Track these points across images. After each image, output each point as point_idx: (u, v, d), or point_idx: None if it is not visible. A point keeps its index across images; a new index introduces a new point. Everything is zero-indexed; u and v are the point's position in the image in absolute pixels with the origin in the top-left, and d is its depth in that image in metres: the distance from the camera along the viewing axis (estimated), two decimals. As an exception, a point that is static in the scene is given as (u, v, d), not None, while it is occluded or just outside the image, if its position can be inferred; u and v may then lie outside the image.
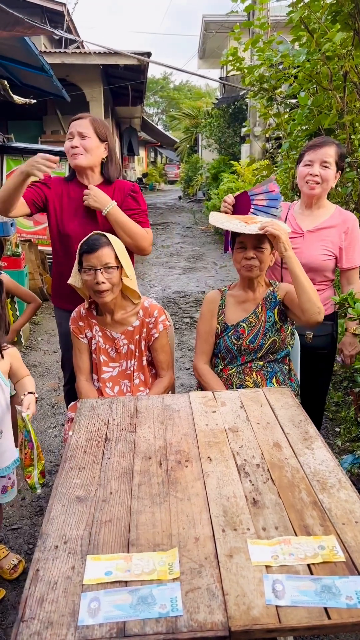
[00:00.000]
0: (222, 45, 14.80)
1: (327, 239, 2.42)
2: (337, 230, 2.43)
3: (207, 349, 2.32)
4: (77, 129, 2.32)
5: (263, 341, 2.19)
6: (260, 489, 1.42)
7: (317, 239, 2.42)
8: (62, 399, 3.90)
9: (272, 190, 2.22)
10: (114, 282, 2.13)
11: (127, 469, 1.55)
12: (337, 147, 2.37)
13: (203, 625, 1.02)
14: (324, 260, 2.42)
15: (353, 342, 2.47)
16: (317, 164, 2.35)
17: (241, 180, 9.81)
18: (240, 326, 2.22)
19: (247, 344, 2.19)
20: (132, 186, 2.50)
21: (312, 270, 2.42)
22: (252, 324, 2.21)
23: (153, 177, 28.91)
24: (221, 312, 2.29)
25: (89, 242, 2.12)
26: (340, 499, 1.38)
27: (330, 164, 2.34)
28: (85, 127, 2.32)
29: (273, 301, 2.22)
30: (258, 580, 1.11)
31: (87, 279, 2.12)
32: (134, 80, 11.48)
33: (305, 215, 2.48)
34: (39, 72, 6.22)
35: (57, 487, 1.47)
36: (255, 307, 2.23)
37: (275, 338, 2.20)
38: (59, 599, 1.09)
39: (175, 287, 7.29)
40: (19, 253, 5.17)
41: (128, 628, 1.02)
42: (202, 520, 1.31)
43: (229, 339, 2.22)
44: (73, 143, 2.32)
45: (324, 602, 1.06)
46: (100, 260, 2.09)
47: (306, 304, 2.07)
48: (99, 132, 2.34)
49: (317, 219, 2.45)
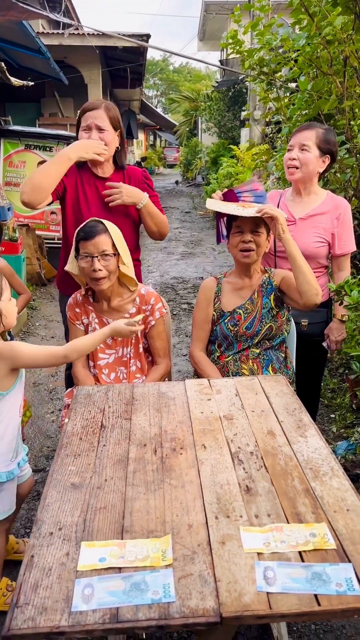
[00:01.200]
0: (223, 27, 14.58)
1: (320, 226, 2.41)
2: (329, 217, 2.42)
3: (203, 337, 2.33)
4: (94, 122, 2.29)
5: (259, 327, 2.19)
6: (254, 477, 1.44)
7: (309, 225, 2.42)
8: (59, 384, 3.92)
9: (256, 189, 2.24)
10: (110, 269, 2.12)
11: (122, 456, 1.56)
12: (321, 131, 2.35)
13: (195, 612, 1.04)
14: (317, 247, 2.41)
15: (340, 327, 2.48)
16: (296, 148, 2.36)
17: (240, 164, 9.74)
18: (237, 313, 2.22)
19: (243, 331, 2.20)
20: (143, 172, 2.52)
21: (306, 258, 2.42)
22: (249, 311, 2.21)
23: (152, 160, 28.65)
24: (217, 299, 2.29)
25: (85, 229, 2.11)
26: (332, 487, 1.39)
27: (309, 147, 2.33)
28: (102, 119, 2.29)
29: (269, 287, 2.23)
30: (250, 567, 1.13)
31: (84, 266, 2.12)
32: (133, 62, 11.33)
33: (296, 202, 2.47)
34: (37, 55, 6.14)
35: (53, 474, 1.48)
36: (251, 294, 2.23)
37: (271, 324, 2.21)
38: (53, 585, 1.11)
39: (173, 273, 7.28)
40: (16, 238, 5.15)
41: (121, 614, 1.03)
42: (196, 507, 1.32)
43: (225, 326, 2.23)
44: (93, 137, 2.30)
45: (314, 589, 1.07)
46: (97, 248, 2.09)
47: (304, 286, 2.08)
48: (113, 121, 2.33)
49: (308, 206, 2.44)
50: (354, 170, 3.44)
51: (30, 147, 6.44)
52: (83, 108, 2.36)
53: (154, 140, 38.37)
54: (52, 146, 6.40)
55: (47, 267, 6.51)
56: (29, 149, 6.45)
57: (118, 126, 2.37)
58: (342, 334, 2.51)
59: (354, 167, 3.43)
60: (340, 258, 2.49)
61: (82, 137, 2.33)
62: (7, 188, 6.39)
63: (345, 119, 3.39)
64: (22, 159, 6.45)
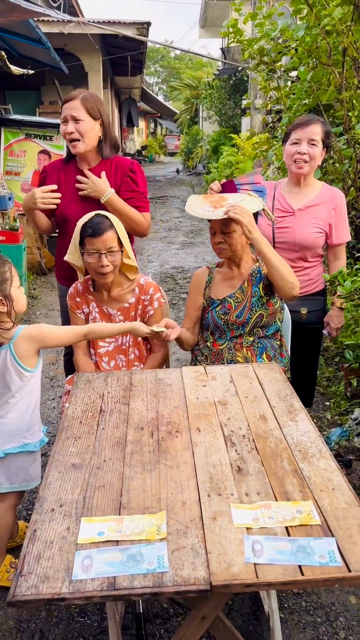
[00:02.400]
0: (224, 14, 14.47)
1: (318, 216, 2.47)
2: (326, 207, 2.47)
3: (189, 322, 2.40)
4: (69, 113, 2.30)
5: (249, 315, 2.25)
6: (245, 458, 1.51)
7: (308, 216, 2.47)
8: (60, 372, 3.99)
9: (258, 182, 2.27)
10: (116, 264, 2.19)
11: (120, 438, 1.63)
12: (323, 125, 2.40)
13: (187, 580, 1.11)
14: (315, 237, 2.47)
15: (339, 315, 2.56)
16: (304, 143, 2.38)
17: (241, 153, 9.74)
18: (227, 301, 2.28)
19: (234, 319, 2.26)
20: (130, 164, 2.48)
21: (305, 248, 2.48)
22: (239, 300, 2.27)
23: (153, 148, 28.57)
24: (207, 288, 2.36)
25: (93, 225, 2.14)
26: (319, 467, 1.46)
27: (317, 142, 2.38)
28: (77, 109, 2.29)
29: (258, 276, 2.28)
30: (239, 541, 1.20)
31: (91, 262, 2.17)
32: (134, 50, 11.28)
33: (293, 193, 2.52)
34: (37, 45, 6.14)
35: (54, 455, 1.55)
36: (241, 283, 2.29)
37: (261, 312, 2.26)
38: (55, 556, 1.18)
39: (173, 263, 7.33)
40: (17, 227, 5.19)
41: (118, 582, 1.11)
42: (189, 486, 1.39)
43: (216, 314, 2.28)
44: (68, 129, 2.31)
45: (298, 560, 1.15)
46: (105, 245, 2.13)
47: (279, 282, 2.14)
48: (91, 111, 2.32)
49: (305, 197, 2.50)
50: (352, 161, 3.48)
51: (31, 136, 6.45)
52: (63, 100, 2.39)
53: (154, 128, 38.17)
54: (53, 135, 6.41)
55: (48, 256, 6.56)
56: (30, 138, 6.46)
57: (98, 115, 2.35)
58: (342, 321, 2.58)
59: (352, 158, 3.47)
60: (337, 248, 2.55)
61: (62, 129, 2.37)
62: (7, 177, 6.42)
63: (343, 110, 3.42)
64: (23, 148, 6.47)
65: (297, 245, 2.47)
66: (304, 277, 2.51)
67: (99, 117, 2.36)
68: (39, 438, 2.03)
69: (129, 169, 2.46)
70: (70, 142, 2.35)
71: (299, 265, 2.50)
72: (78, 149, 2.35)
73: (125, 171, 2.45)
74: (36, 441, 2.01)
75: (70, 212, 2.40)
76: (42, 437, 2.05)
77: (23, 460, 1.99)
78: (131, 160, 2.55)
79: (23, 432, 1.97)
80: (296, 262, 2.50)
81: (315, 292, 2.57)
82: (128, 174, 2.45)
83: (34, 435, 2.01)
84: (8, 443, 1.95)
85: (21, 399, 1.95)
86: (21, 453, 1.97)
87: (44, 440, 2.06)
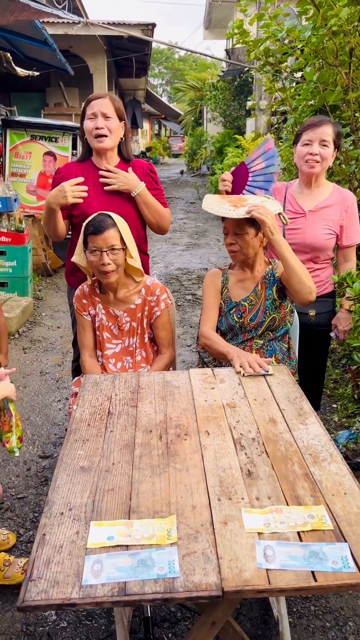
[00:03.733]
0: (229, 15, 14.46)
1: (329, 218, 2.45)
2: (337, 209, 2.46)
3: (213, 318, 2.32)
4: (100, 109, 2.34)
5: (263, 318, 2.24)
6: (255, 461, 1.49)
7: (319, 218, 2.46)
8: (66, 374, 3.99)
9: (269, 148, 2.26)
10: (119, 263, 2.18)
11: (128, 441, 1.62)
12: (334, 126, 2.39)
13: (198, 586, 1.10)
14: (327, 239, 2.45)
15: (347, 317, 2.53)
16: (316, 143, 2.37)
17: (246, 154, 9.72)
18: (242, 305, 2.26)
19: (248, 322, 2.24)
20: (148, 165, 2.56)
21: (315, 250, 2.47)
22: (253, 302, 2.25)
23: (157, 150, 28.57)
24: (225, 288, 2.33)
25: (95, 224, 2.15)
26: (330, 471, 1.45)
27: (329, 143, 2.37)
28: (107, 107, 2.34)
29: (272, 279, 2.26)
30: (250, 546, 1.19)
31: (93, 260, 2.17)
32: (139, 52, 11.28)
33: (305, 194, 2.51)
34: (43, 46, 6.14)
35: (63, 458, 1.54)
36: (255, 286, 2.27)
37: (274, 315, 2.25)
38: (64, 560, 1.17)
39: (178, 264, 7.32)
40: (22, 229, 5.20)
41: (128, 588, 1.10)
42: (199, 490, 1.38)
43: (231, 317, 2.27)
44: (98, 124, 2.34)
45: (311, 566, 1.13)
46: (106, 242, 2.13)
47: (297, 285, 2.10)
48: (118, 112, 2.38)
49: (317, 198, 2.48)
50: (359, 162, 3.46)
51: (36, 137, 6.46)
52: (88, 98, 2.42)
53: (158, 130, 38.19)
54: (58, 137, 6.41)
55: (53, 257, 6.57)
56: (35, 140, 6.47)
57: (122, 117, 2.43)
58: (350, 324, 2.56)
59: (359, 159, 3.45)
60: (347, 249, 2.53)
61: (88, 125, 2.37)
62: (13, 179, 6.43)
63: (350, 111, 3.40)
64: (28, 149, 6.48)
65: (307, 246, 2.46)
66: (314, 278, 2.49)
67: (123, 118, 2.43)
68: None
69: (148, 169, 2.54)
70: (96, 138, 2.37)
71: (309, 267, 2.48)
72: (105, 144, 2.38)
73: (146, 171, 2.52)
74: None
75: (92, 210, 2.39)
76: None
77: None
78: (148, 162, 2.62)
79: None
80: (306, 263, 2.48)
81: (324, 294, 2.55)
82: (149, 174, 2.52)
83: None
84: None
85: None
86: None
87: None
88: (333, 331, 2.59)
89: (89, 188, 2.41)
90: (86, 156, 2.50)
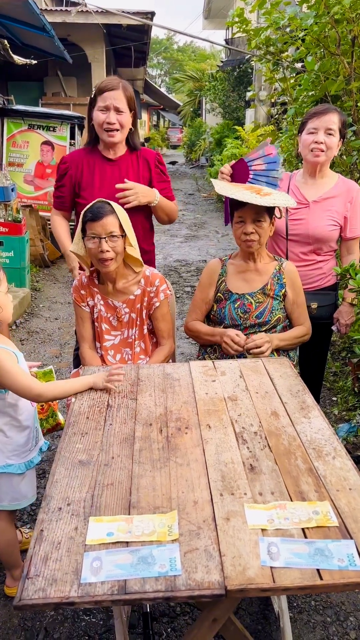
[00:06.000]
0: (228, 5, 14.32)
1: (333, 209, 2.41)
2: (341, 200, 2.42)
3: (199, 314, 2.36)
4: (113, 103, 2.29)
5: (269, 318, 2.21)
6: (258, 456, 1.46)
7: (322, 209, 2.41)
8: (64, 365, 3.95)
9: (269, 153, 2.19)
10: (117, 250, 2.13)
11: (128, 434, 1.59)
12: (340, 115, 2.34)
13: (200, 584, 1.07)
14: (330, 230, 2.41)
15: (350, 311, 2.50)
16: (321, 132, 2.32)
17: (245, 146, 9.65)
18: (248, 300, 2.22)
19: (253, 319, 2.21)
20: (156, 155, 2.53)
21: (318, 241, 2.42)
22: (260, 301, 2.21)
23: (155, 141, 28.36)
24: (221, 280, 2.29)
25: (93, 210, 2.11)
26: (335, 466, 1.42)
27: (334, 132, 2.32)
28: (120, 100, 2.30)
29: (280, 283, 2.23)
30: (254, 543, 1.16)
31: (91, 247, 2.12)
32: (137, 41, 11.16)
33: (309, 184, 2.46)
34: (40, 32, 6.06)
35: (61, 452, 1.51)
36: (264, 285, 2.23)
37: (280, 315, 2.22)
38: (63, 558, 1.14)
39: (176, 256, 7.27)
40: (19, 219, 5.14)
41: (129, 586, 1.07)
42: (201, 485, 1.35)
43: (235, 311, 2.23)
44: (110, 119, 2.30)
45: (316, 564, 1.10)
46: (104, 229, 2.09)
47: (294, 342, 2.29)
48: (129, 102, 2.34)
49: (321, 189, 2.43)
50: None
51: (34, 127, 6.39)
52: (100, 87, 2.34)
53: (157, 121, 37.96)
54: (56, 126, 6.34)
55: (51, 248, 6.51)
56: (33, 129, 6.40)
57: (133, 106, 2.38)
58: (352, 317, 2.52)
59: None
60: (350, 241, 2.49)
61: (99, 117, 2.32)
62: (10, 168, 6.36)
63: (352, 101, 3.35)
64: (26, 139, 6.41)
65: (310, 237, 2.41)
66: (316, 270, 2.46)
67: (133, 108, 2.39)
68: (26, 459, 1.88)
69: (157, 160, 2.50)
70: (107, 132, 2.34)
71: (311, 258, 2.45)
72: (115, 138, 2.35)
73: (154, 162, 2.49)
74: (21, 463, 1.86)
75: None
76: (32, 457, 1.89)
77: (7, 480, 1.85)
78: (156, 152, 2.57)
79: (6, 452, 1.83)
80: (308, 255, 2.44)
81: (326, 286, 2.51)
82: (158, 165, 2.49)
83: (20, 456, 1.87)
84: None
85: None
86: (3, 474, 1.83)
87: (33, 461, 1.90)
88: (335, 325, 2.56)
89: (97, 179, 2.40)
90: (92, 143, 2.46)
